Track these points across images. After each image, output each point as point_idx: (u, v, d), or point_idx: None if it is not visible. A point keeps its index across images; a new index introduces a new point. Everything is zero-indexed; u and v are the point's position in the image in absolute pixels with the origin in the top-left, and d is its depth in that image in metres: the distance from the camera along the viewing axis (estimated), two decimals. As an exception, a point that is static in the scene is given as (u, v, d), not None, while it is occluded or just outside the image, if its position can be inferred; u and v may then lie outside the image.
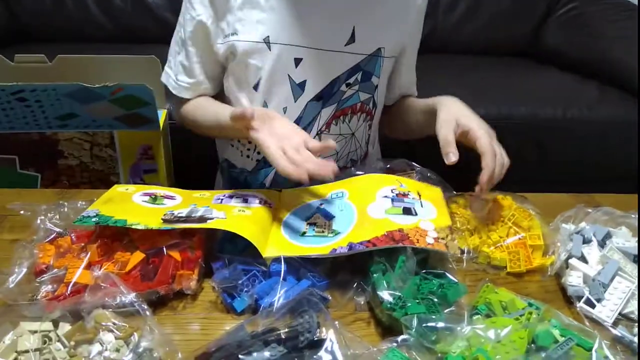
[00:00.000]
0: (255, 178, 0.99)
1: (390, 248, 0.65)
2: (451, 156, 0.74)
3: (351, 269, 0.69)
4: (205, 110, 0.94)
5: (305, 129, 0.92)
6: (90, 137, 0.98)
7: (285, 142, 0.72)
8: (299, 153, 0.71)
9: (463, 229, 0.78)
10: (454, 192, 0.86)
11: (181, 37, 0.92)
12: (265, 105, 0.91)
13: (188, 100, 0.97)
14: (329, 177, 0.70)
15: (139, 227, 0.66)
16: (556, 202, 0.88)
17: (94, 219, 0.68)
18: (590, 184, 1.15)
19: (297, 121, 0.92)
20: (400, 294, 0.60)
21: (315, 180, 0.70)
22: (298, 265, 0.67)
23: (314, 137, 0.93)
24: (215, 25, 0.88)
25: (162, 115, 1.06)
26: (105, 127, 0.97)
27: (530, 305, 0.63)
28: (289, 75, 0.89)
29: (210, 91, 0.97)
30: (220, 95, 0.99)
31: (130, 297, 0.59)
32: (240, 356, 0.50)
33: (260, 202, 0.76)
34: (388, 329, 0.62)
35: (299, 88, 0.90)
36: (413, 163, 0.89)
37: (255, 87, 0.90)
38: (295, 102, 0.91)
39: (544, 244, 0.75)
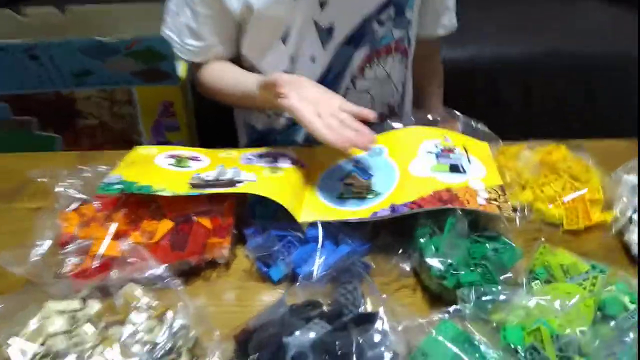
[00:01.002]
0: (286, 136, 0.93)
1: (438, 209, 0.59)
2: None
3: (393, 230, 0.64)
4: (229, 80, 0.85)
5: (337, 77, 0.86)
6: (109, 95, 0.93)
7: (320, 107, 0.66)
8: (335, 117, 0.65)
9: (513, 184, 0.71)
10: (501, 142, 0.79)
11: None
12: (292, 59, 0.84)
13: (201, 64, 0.87)
14: (367, 148, 0.64)
15: (165, 193, 0.62)
16: (614, 150, 0.80)
17: (117, 186, 0.63)
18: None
19: (328, 69, 0.85)
20: (450, 260, 0.55)
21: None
22: (335, 230, 0.63)
23: (348, 84, 0.87)
24: None
25: (181, 68, 1.00)
26: (123, 83, 0.92)
27: (593, 267, 0.58)
28: (314, 21, 0.81)
29: (224, 55, 0.87)
30: (237, 59, 0.90)
31: (161, 270, 0.55)
32: (284, 339, 0.46)
33: (292, 162, 0.71)
34: (436, 296, 0.58)
35: (326, 33, 0.82)
36: (455, 111, 0.82)
37: (284, 41, 0.82)
38: (324, 49, 0.83)
39: (603, 198, 0.69)
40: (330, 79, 0.85)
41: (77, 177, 0.71)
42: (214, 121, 1.11)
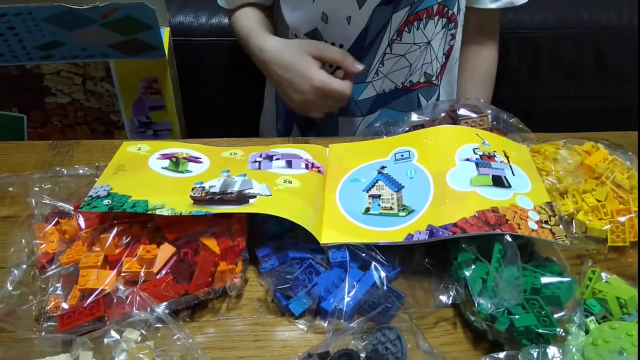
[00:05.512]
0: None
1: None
2: None
3: (427, 250, 0.56)
4: (242, 32, 0.85)
5: (375, 40, 0.79)
6: (82, 70, 0.80)
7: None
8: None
9: (552, 190, 0.64)
10: (534, 139, 0.71)
11: None
12: (326, 17, 0.77)
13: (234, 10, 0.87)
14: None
15: (164, 212, 0.52)
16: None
17: (105, 202, 0.53)
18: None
19: (365, 30, 0.78)
20: (504, 300, 0.48)
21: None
22: (362, 251, 0.55)
23: (386, 47, 0.80)
24: None
25: (164, 35, 0.87)
26: (99, 56, 0.79)
27: (651, 299, 0.52)
28: None
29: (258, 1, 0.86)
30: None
31: (162, 309, 0.47)
32: None
33: (307, 166, 0.62)
34: (480, 334, 0.51)
35: None
36: (483, 101, 0.73)
37: None
38: (360, 8, 0.76)
39: (648, 207, 0.62)
40: (367, 42, 0.79)
41: (52, 181, 0.60)
42: (199, 95, 0.99)
